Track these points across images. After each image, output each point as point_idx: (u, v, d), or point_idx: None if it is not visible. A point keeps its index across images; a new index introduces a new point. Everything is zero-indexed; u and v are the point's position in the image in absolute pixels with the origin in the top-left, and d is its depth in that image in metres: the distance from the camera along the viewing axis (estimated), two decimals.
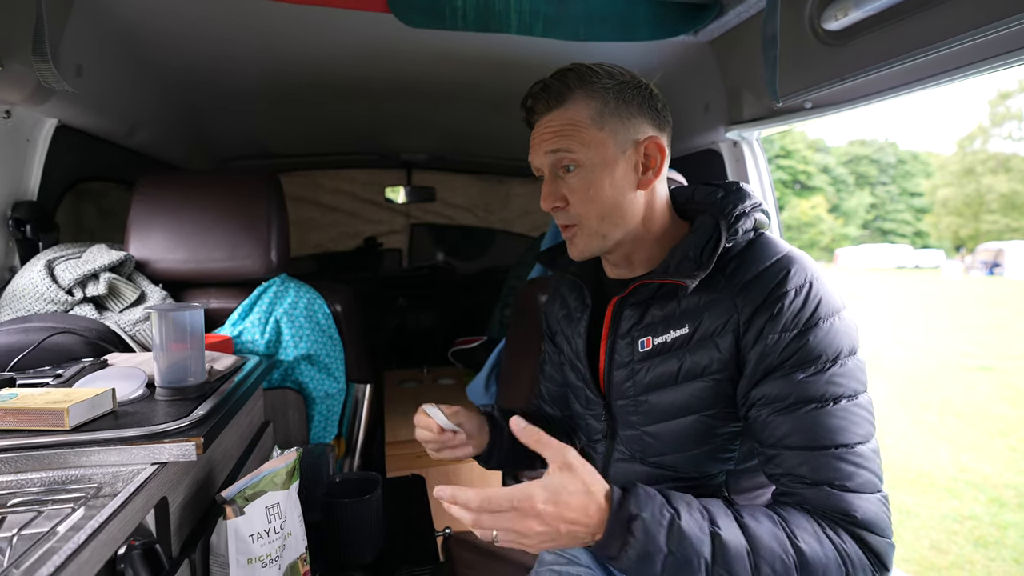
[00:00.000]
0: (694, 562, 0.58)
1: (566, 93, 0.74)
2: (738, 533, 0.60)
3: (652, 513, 0.59)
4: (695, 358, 0.72)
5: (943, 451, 4.04)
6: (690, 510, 0.61)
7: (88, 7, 1.07)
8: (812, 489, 0.64)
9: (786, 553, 0.60)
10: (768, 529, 0.61)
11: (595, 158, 0.74)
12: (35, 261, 1.10)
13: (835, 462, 0.64)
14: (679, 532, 0.59)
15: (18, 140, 1.13)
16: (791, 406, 0.66)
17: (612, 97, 0.74)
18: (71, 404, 0.67)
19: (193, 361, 0.81)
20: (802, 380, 0.65)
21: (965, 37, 0.79)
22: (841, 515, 0.63)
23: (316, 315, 1.27)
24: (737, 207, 0.76)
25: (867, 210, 33.10)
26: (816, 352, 0.66)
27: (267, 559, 0.71)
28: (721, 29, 1.24)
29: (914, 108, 54.36)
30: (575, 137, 0.73)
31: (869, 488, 0.64)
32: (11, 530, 0.53)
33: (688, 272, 0.72)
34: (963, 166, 29.94)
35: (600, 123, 0.74)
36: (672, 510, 0.60)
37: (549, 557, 0.96)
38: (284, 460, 0.77)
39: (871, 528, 0.63)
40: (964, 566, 2.59)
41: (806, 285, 0.68)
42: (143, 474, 0.63)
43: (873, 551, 0.62)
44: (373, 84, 1.61)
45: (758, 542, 0.60)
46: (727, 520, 0.61)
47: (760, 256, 0.72)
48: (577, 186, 0.75)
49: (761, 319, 0.68)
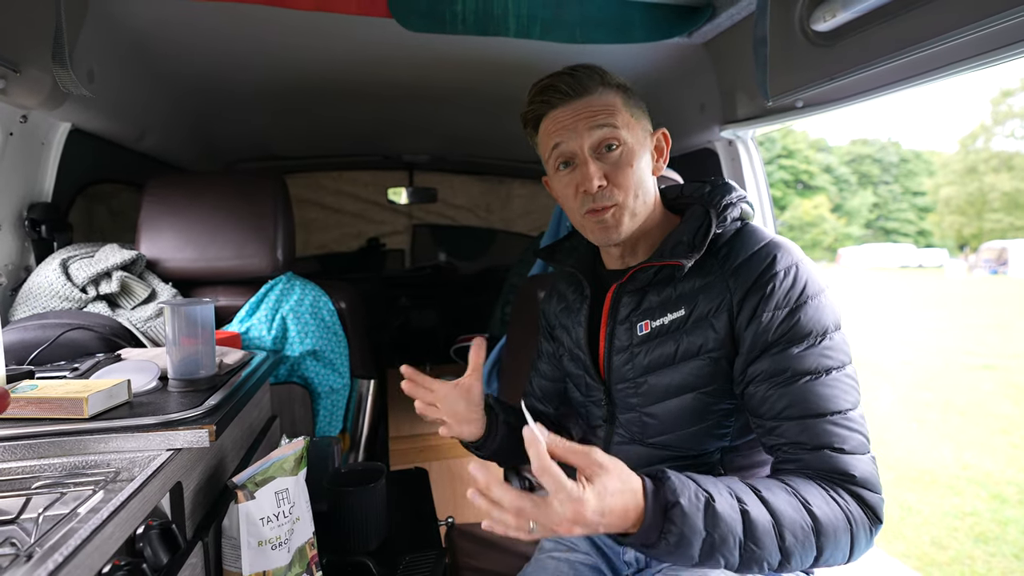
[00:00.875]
0: (729, 541, 0.61)
1: (596, 81, 0.79)
2: (762, 508, 0.64)
3: (689, 498, 0.62)
4: (691, 338, 0.76)
5: (945, 449, 4.05)
6: (719, 491, 0.64)
7: (101, 15, 1.11)
8: (813, 454, 0.68)
9: (804, 520, 0.64)
10: (785, 500, 0.65)
11: (632, 139, 0.79)
12: (50, 260, 1.13)
13: (831, 427, 0.68)
14: (715, 514, 0.62)
15: (33, 144, 1.16)
16: (788, 379, 0.70)
17: (627, 92, 0.81)
18: (90, 394, 0.70)
19: (204, 354, 0.84)
20: (797, 354, 0.70)
21: (950, 36, 0.82)
22: (840, 475, 0.67)
23: (321, 312, 1.30)
24: (724, 197, 0.81)
25: (870, 209, 33.01)
26: (808, 328, 0.70)
27: (277, 542, 0.74)
28: (714, 31, 1.26)
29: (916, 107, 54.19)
30: (618, 118, 0.78)
31: (862, 450, 0.69)
32: (36, 511, 0.56)
33: (683, 254, 0.76)
34: (966, 165, 29.83)
35: (629, 109, 0.80)
36: (706, 493, 0.63)
37: (549, 544, 0.99)
38: (292, 448, 0.80)
39: (866, 486, 0.68)
40: (964, 562, 2.60)
41: (793, 267, 0.73)
42: (159, 459, 0.66)
43: (869, 506, 0.67)
44: (375, 87, 1.65)
45: (780, 514, 0.64)
46: (751, 497, 0.65)
47: (749, 242, 0.76)
48: (619, 163, 0.78)
49: (754, 299, 0.72)
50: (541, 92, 0.81)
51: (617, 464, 0.62)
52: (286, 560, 0.75)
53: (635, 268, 0.81)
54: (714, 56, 1.37)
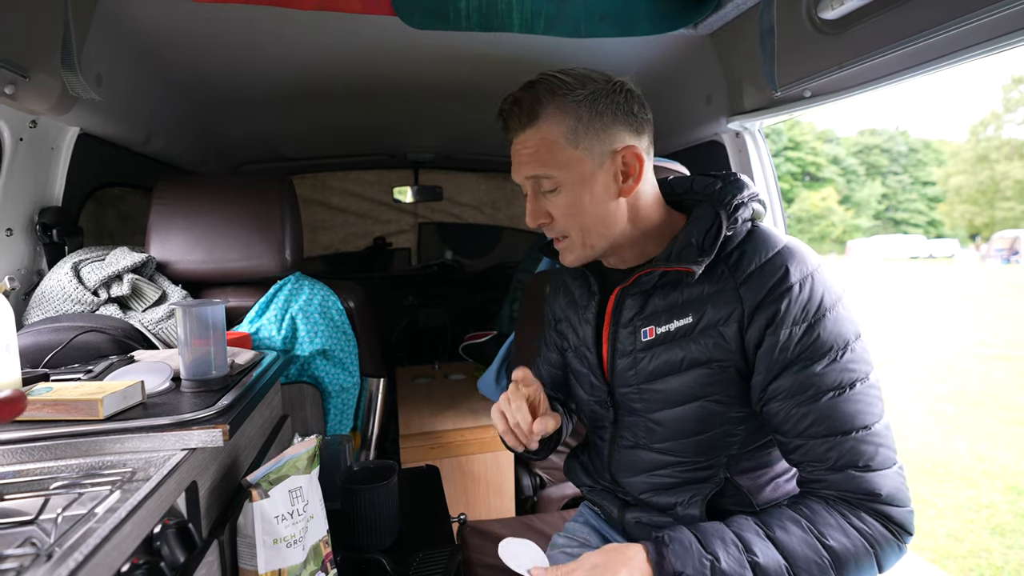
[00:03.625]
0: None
1: (538, 109, 0.73)
2: (774, 552, 0.64)
3: (694, 566, 0.63)
4: (699, 347, 0.74)
5: (960, 441, 4.01)
6: (726, 547, 0.64)
7: (107, 20, 1.12)
8: (837, 474, 0.68)
9: (820, 556, 0.64)
10: (799, 537, 0.65)
11: (573, 177, 0.74)
12: (62, 264, 1.14)
13: (858, 445, 0.67)
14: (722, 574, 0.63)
15: (43, 148, 1.17)
16: (812, 397, 0.68)
17: (585, 111, 0.73)
18: (104, 395, 0.71)
19: (216, 355, 0.85)
20: (820, 371, 0.68)
21: (960, 21, 0.81)
22: (865, 495, 0.67)
23: (330, 311, 1.31)
24: (736, 197, 0.77)
25: (879, 200, 32.66)
26: (828, 343, 0.68)
27: (291, 540, 0.74)
28: (720, 21, 1.25)
29: (924, 95, 53.53)
30: (551, 159, 0.73)
31: (888, 464, 0.68)
32: (54, 511, 0.56)
33: (692, 259, 0.73)
34: (976, 153, 29.46)
35: (575, 141, 0.73)
36: (711, 556, 0.64)
37: (561, 540, 0.99)
38: (305, 446, 0.80)
39: (893, 502, 0.67)
40: (981, 554, 2.58)
41: (809, 277, 0.70)
42: (174, 459, 0.67)
43: (896, 523, 0.67)
44: (380, 86, 1.65)
45: (793, 554, 0.64)
46: (761, 542, 0.65)
47: (761, 248, 0.73)
48: (559, 203, 0.76)
49: (767, 312, 0.69)
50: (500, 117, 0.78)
51: (611, 546, 0.68)
52: (301, 558, 0.75)
53: (640, 272, 0.77)
54: (720, 47, 1.36)
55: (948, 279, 16.15)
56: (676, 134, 1.60)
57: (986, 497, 3.15)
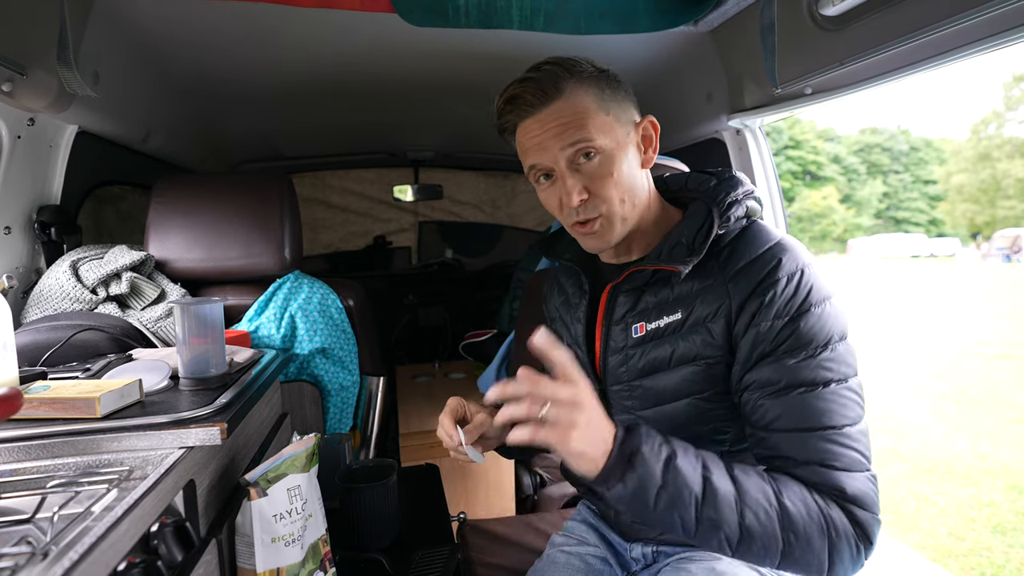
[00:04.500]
0: (685, 496, 0.61)
1: (560, 83, 0.73)
2: (728, 480, 0.64)
3: (651, 447, 0.63)
4: (687, 343, 0.74)
5: (961, 440, 4.00)
6: (686, 452, 0.64)
7: (105, 16, 1.11)
8: (802, 468, 0.66)
9: (770, 505, 0.63)
10: (756, 483, 0.64)
11: (610, 142, 0.73)
12: (60, 262, 1.14)
13: (824, 443, 0.65)
14: (675, 468, 0.62)
15: (41, 147, 1.17)
16: (782, 390, 0.67)
17: (604, 82, 0.75)
18: (102, 393, 0.70)
19: (214, 353, 0.85)
20: (793, 365, 0.67)
21: (962, 17, 0.80)
22: (830, 488, 0.65)
23: (329, 310, 1.30)
24: (729, 194, 0.77)
25: (880, 199, 32.64)
26: (807, 337, 0.67)
27: (290, 538, 0.74)
28: (720, 18, 1.25)
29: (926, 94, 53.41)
30: (589, 124, 0.72)
31: (857, 467, 0.66)
32: (51, 510, 0.56)
33: (681, 258, 0.73)
34: (978, 152, 29.42)
35: (606, 107, 0.74)
36: (671, 448, 0.64)
37: (559, 539, 0.98)
38: (304, 444, 0.80)
39: (858, 503, 0.65)
40: (982, 553, 2.57)
41: (798, 272, 0.69)
42: (172, 457, 0.67)
43: (859, 523, 0.64)
44: (379, 84, 1.64)
45: (745, 491, 0.63)
46: (719, 468, 0.65)
47: (753, 243, 0.72)
48: (598, 172, 0.73)
49: (753, 305, 0.69)
50: (509, 103, 0.75)
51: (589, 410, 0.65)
52: (299, 557, 0.75)
53: (631, 270, 0.78)
54: (721, 44, 1.35)
55: (949, 278, 16.13)
56: (677, 132, 1.60)
57: (987, 496, 3.14)
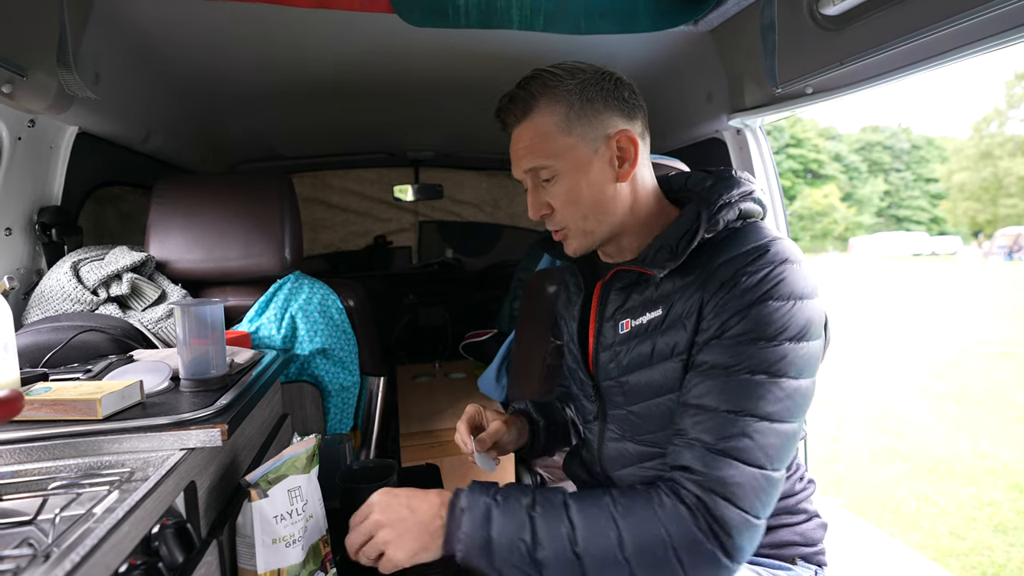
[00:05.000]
0: (517, 544, 0.63)
1: (531, 103, 0.76)
2: (560, 516, 0.64)
3: (473, 502, 0.66)
4: (665, 339, 0.74)
5: (962, 439, 3.99)
6: (508, 498, 0.67)
7: (105, 18, 1.11)
8: (689, 449, 0.65)
9: (608, 531, 0.63)
10: (592, 512, 0.64)
11: (568, 164, 0.76)
12: (61, 263, 1.14)
13: (725, 424, 0.64)
14: (497, 518, 0.65)
15: (42, 148, 1.17)
16: (710, 368, 0.67)
17: (576, 98, 0.75)
18: (103, 395, 0.70)
19: (215, 354, 0.85)
20: (728, 346, 0.66)
21: (963, 16, 0.80)
22: (699, 474, 0.63)
23: (330, 310, 1.30)
24: (722, 196, 0.76)
25: (881, 198, 32.59)
26: (751, 325, 0.66)
27: (291, 539, 0.74)
28: (721, 18, 1.24)
29: (927, 92, 53.32)
30: (545, 148, 0.76)
31: (749, 459, 0.62)
32: (52, 511, 0.56)
33: (662, 262, 0.74)
34: (980, 150, 29.35)
35: (567, 129, 0.75)
36: (491, 499, 0.66)
37: None
38: (304, 445, 0.80)
39: (728, 496, 0.61)
40: (983, 552, 2.57)
41: (770, 266, 0.68)
42: (172, 459, 0.67)
43: (717, 518, 0.61)
44: (379, 84, 1.64)
45: (577, 524, 0.64)
46: (547, 506, 0.65)
47: (736, 243, 0.72)
48: (558, 193, 0.78)
49: (719, 296, 0.69)
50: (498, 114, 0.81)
51: None
52: (300, 557, 0.75)
53: (616, 268, 0.81)
54: (721, 44, 1.35)
55: (951, 276, 16.11)
56: (677, 131, 1.59)
57: (988, 495, 3.14)
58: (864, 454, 3.78)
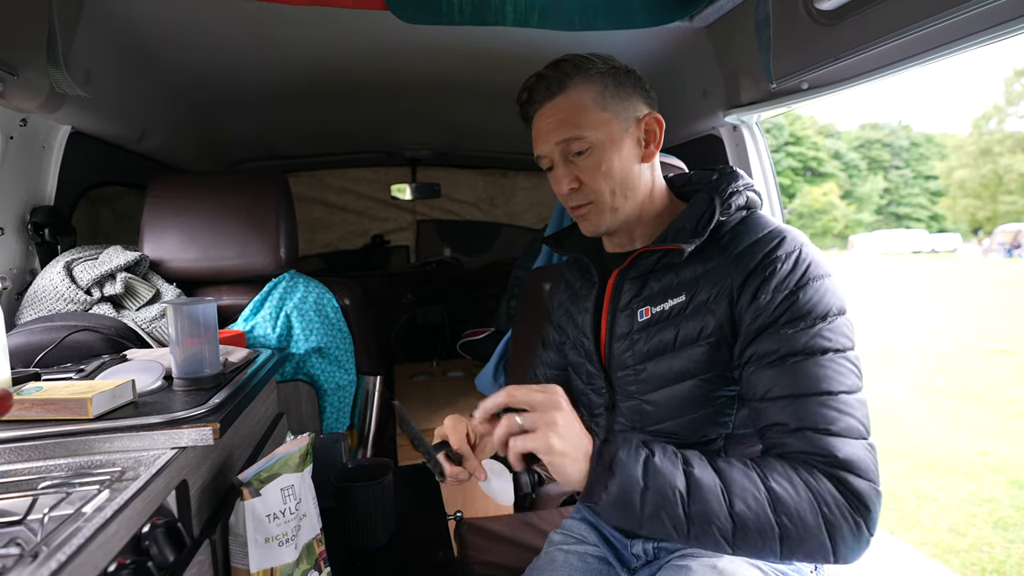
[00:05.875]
0: (669, 494, 0.62)
1: (565, 80, 0.79)
2: (711, 472, 0.64)
3: (628, 451, 0.64)
4: (691, 324, 0.75)
5: (961, 435, 3.99)
6: (664, 451, 0.65)
7: (96, 15, 1.11)
8: (795, 435, 0.66)
9: (758, 491, 0.62)
10: (740, 470, 0.64)
11: (603, 137, 0.78)
12: (54, 263, 1.14)
13: (818, 408, 0.65)
14: (654, 467, 0.63)
15: (34, 147, 1.17)
16: (779, 359, 0.68)
17: (610, 80, 0.79)
18: (94, 394, 0.70)
19: (208, 353, 0.84)
20: (791, 334, 0.68)
21: (960, 9, 0.79)
22: (822, 456, 0.64)
23: (325, 309, 1.30)
24: (731, 185, 0.81)
25: (880, 195, 32.57)
26: (806, 309, 0.68)
27: (284, 538, 0.73)
28: (716, 14, 1.24)
29: (926, 89, 53.29)
30: (582, 120, 0.78)
31: (853, 433, 0.65)
32: (42, 511, 0.56)
33: (684, 240, 0.76)
34: (979, 147, 29.33)
35: (603, 104, 0.78)
36: (648, 449, 0.65)
37: (557, 537, 0.98)
38: (297, 444, 0.80)
39: (852, 468, 0.63)
40: (983, 548, 2.57)
41: (796, 250, 0.72)
42: (164, 457, 0.66)
43: (853, 491, 0.62)
44: (375, 82, 1.64)
45: (730, 479, 0.63)
46: (700, 461, 0.65)
47: (753, 229, 0.76)
48: (589, 165, 0.79)
49: (754, 283, 0.71)
50: (524, 93, 0.82)
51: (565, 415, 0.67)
52: (293, 556, 0.75)
53: (635, 254, 0.82)
54: (716, 40, 1.35)
55: (950, 273, 16.10)
56: (673, 128, 1.59)
57: (988, 491, 3.13)
58: None
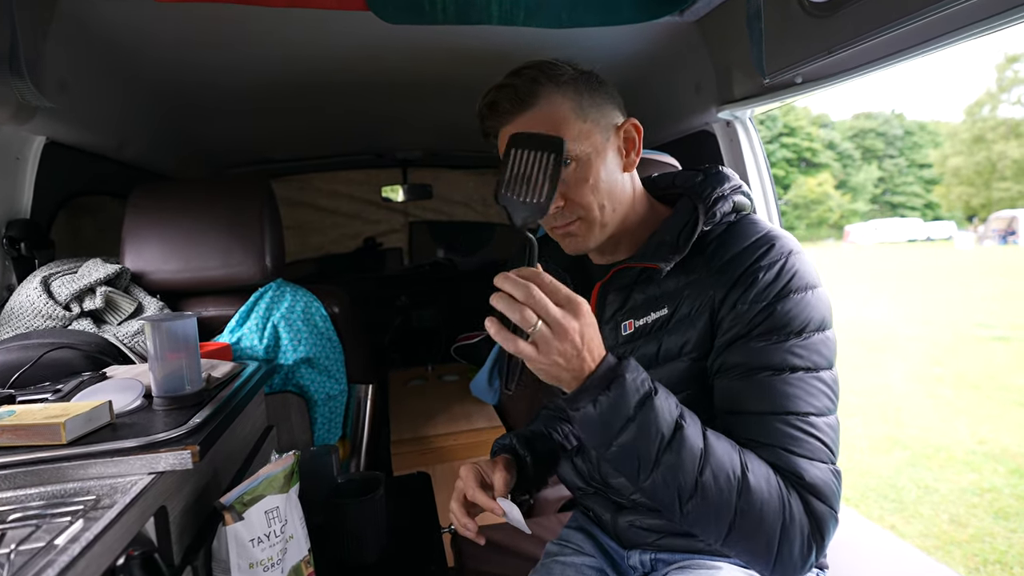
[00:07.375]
0: (651, 433, 0.60)
1: (536, 88, 0.72)
2: (700, 436, 0.62)
3: (634, 378, 0.60)
4: (673, 338, 0.73)
5: (960, 424, 3.99)
6: (668, 397, 0.63)
7: (69, 21, 1.07)
8: (765, 449, 0.64)
9: (733, 472, 0.61)
10: (726, 448, 0.63)
11: (588, 150, 0.73)
12: (31, 279, 1.10)
13: (786, 428, 0.64)
14: (650, 405, 0.60)
15: (7, 159, 1.13)
16: (747, 372, 0.66)
17: (584, 87, 0.74)
18: (67, 418, 0.67)
19: (189, 369, 0.81)
20: (762, 347, 0.66)
21: (953, 1, 0.77)
22: (790, 474, 0.63)
23: (313, 318, 1.27)
24: (715, 190, 0.77)
25: (875, 184, 32.65)
26: (782, 322, 0.66)
27: (269, 563, 0.71)
28: (707, 8, 1.21)
29: (919, 77, 53.36)
30: (564, 130, 0.72)
31: (820, 456, 0.64)
32: (10, 545, 0.53)
33: (664, 256, 0.73)
34: (973, 134, 29.37)
35: (583, 115, 0.73)
36: (653, 387, 0.62)
37: (554, 548, 0.96)
38: (282, 464, 0.77)
39: (816, 493, 0.63)
40: (984, 539, 2.57)
41: (781, 259, 0.68)
42: (140, 484, 0.64)
43: (814, 515, 0.62)
44: (361, 83, 1.61)
45: (713, 451, 0.61)
46: (694, 422, 0.63)
47: (739, 237, 0.72)
48: (575, 180, 0.73)
49: (735, 293, 0.68)
50: (488, 108, 0.75)
51: None
52: None
53: (616, 268, 0.78)
54: (708, 34, 1.32)
55: (946, 261, 16.15)
56: (665, 125, 1.56)
57: (988, 481, 3.13)
58: (863, 443, 3.77)
